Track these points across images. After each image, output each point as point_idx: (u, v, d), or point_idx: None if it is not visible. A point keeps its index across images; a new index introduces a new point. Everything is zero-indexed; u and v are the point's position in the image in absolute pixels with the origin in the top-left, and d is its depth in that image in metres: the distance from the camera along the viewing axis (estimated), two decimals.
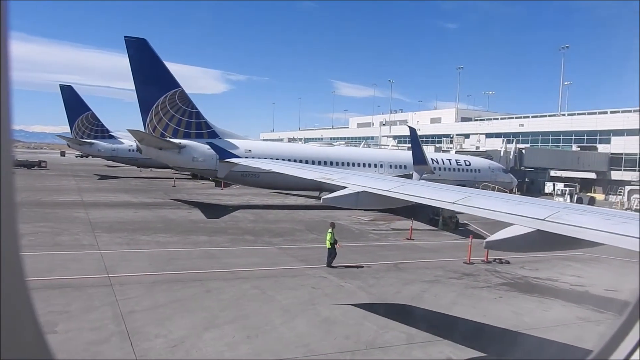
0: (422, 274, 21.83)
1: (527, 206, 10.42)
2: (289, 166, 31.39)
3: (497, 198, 12.06)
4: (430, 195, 13.18)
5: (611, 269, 25.07)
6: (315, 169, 30.02)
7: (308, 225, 34.59)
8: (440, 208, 37.16)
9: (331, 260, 22.18)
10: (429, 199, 12.96)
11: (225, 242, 26.72)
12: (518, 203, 11.05)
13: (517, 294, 19.29)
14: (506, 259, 25.33)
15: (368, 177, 19.80)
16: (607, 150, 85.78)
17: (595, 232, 8.09)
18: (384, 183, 15.20)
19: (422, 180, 33.39)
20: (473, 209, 10.99)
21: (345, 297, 17.50)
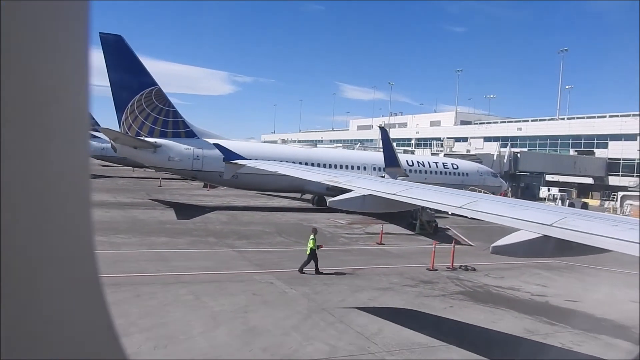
0: (378, 281, 20.89)
1: (534, 211, 10.39)
2: (295, 168, 31.23)
3: (504, 203, 11.95)
4: (436, 199, 13.18)
5: (581, 278, 24.08)
6: (321, 172, 29.31)
7: (280, 228, 33.70)
8: (418, 212, 36.47)
9: (307, 265, 21.37)
10: (435, 203, 13.15)
11: (184, 244, 25.87)
12: (525, 208, 10.91)
13: (470, 304, 18.32)
14: (472, 267, 24.38)
15: (374, 180, 19.54)
16: (605, 155, 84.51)
17: (602, 239, 8.06)
18: (390, 186, 15.15)
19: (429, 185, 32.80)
20: (479, 214, 11.02)
21: (283, 305, 16.60)
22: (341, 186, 17.60)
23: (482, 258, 27.64)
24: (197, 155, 41.23)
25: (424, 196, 13.46)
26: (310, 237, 21.92)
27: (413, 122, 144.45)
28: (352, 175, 23.56)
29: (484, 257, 27.98)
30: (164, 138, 41.11)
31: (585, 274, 24.80)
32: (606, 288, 22.29)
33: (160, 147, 40.48)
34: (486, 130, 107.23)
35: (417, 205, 13.79)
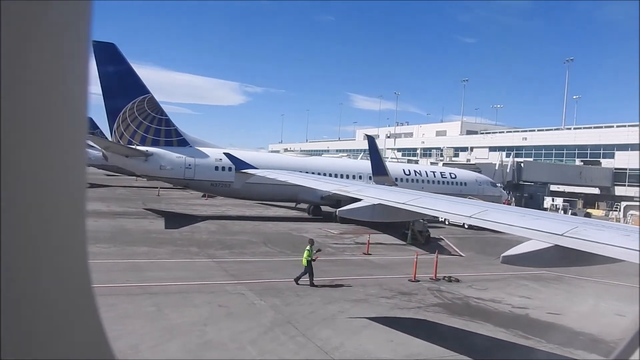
0: (354, 292, 20.28)
1: (545, 221, 10.34)
2: (305, 177, 31.24)
3: (514, 213, 11.92)
4: (446, 208, 13.17)
5: (568, 289, 23.31)
6: (331, 181, 29.26)
7: (268, 237, 33.16)
8: (410, 221, 35.79)
9: (300, 276, 20.88)
10: (445, 213, 13.21)
11: (163, 254, 25.42)
12: (536, 218, 10.88)
13: (445, 316, 17.65)
14: (456, 277, 23.68)
15: (384, 189, 19.29)
16: (611, 165, 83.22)
17: (613, 248, 8.00)
18: (400, 196, 15.02)
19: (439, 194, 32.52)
20: (489, 223, 10.98)
21: (248, 317, 16.06)
22: (351, 195, 17.55)
23: (469, 269, 27.03)
24: (189, 164, 40.91)
25: (434, 205, 13.34)
26: (306, 248, 21.40)
27: (419, 131, 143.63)
28: (361, 184, 23.28)
29: (471, 267, 27.39)
30: (156, 147, 40.86)
31: (573, 286, 24.02)
32: (592, 300, 21.52)
33: (152, 155, 40.22)
34: (492, 140, 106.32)
35: (426, 214, 13.74)
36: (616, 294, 22.89)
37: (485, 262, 29.24)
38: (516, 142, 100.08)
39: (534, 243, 9.22)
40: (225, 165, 42.15)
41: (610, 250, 8.05)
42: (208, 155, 42.15)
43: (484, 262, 29.45)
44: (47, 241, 1.45)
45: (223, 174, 41.92)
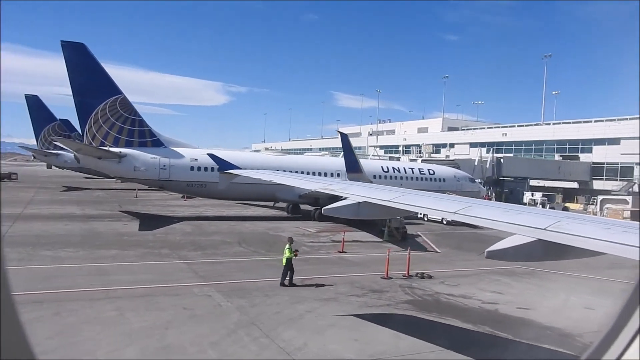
0: (324, 291, 20.04)
1: (528, 216, 10.44)
2: (289, 177, 31.28)
3: (498, 208, 11.99)
4: (431, 205, 13.23)
5: (540, 284, 23.28)
6: (316, 180, 29.27)
7: (243, 237, 32.81)
8: (388, 219, 35.65)
9: (285, 277, 20.56)
10: (430, 209, 13.28)
11: (133, 257, 24.93)
12: (519, 213, 10.98)
13: (413, 314, 17.46)
14: (429, 274, 23.52)
15: (369, 187, 19.33)
16: (589, 159, 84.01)
17: (595, 242, 8.09)
18: (385, 193, 14.99)
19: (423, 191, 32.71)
20: (474, 219, 11.07)
21: (212, 319, 15.71)
22: (336, 193, 17.54)
23: (444, 265, 26.93)
24: (163, 165, 40.37)
25: (419, 202, 13.53)
26: (286, 247, 21.12)
27: (401, 129, 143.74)
28: (346, 182, 23.23)
29: (446, 263, 27.30)
30: (130, 148, 40.24)
31: (545, 280, 24.01)
32: (563, 294, 21.51)
33: (125, 157, 39.61)
34: (472, 136, 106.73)
35: (412, 211, 13.82)
36: (588, 287, 22.94)
37: (460, 258, 29.20)
38: (496, 138, 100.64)
39: (518, 238, 9.32)
40: (201, 165, 41.73)
41: (592, 243, 8.15)
42: (183, 156, 41.64)
43: (459, 257, 29.41)
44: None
45: (199, 174, 41.49)
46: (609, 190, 75.27)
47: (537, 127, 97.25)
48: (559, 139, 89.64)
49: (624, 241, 7.75)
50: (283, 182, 33.14)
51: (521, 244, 9.14)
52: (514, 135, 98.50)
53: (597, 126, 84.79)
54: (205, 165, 41.81)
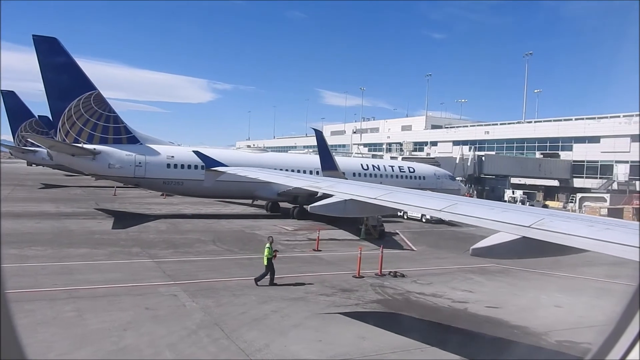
0: (294, 290, 19.76)
1: (513, 213, 10.48)
2: (275, 174, 30.64)
3: (483, 205, 12.01)
4: (417, 202, 13.38)
5: (513, 282, 23.22)
6: (302, 177, 29.06)
7: (218, 235, 32.42)
8: (366, 217, 35.47)
9: (264, 276, 20.23)
10: (416, 207, 13.50)
11: (102, 256, 24.43)
12: (504, 210, 10.97)
13: (380, 314, 17.23)
14: (401, 273, 23.34)
15: (355, 185, 19.27)
16: (570, 157, 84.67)
17: (579, 239, 8.17)
18: (371, 191, 15.14)
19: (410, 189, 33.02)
20: (459, 217, 11.09)
21: (174, 320, 15.34)
22: (323, 191, 17.45)
23: (418, 263, 26.81)
24: (139, 162, 39.74)
25: (405, 200, 13.60)
26: (266, 246, 20.79)
27: (385, 126, 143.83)
28: (333, 180, 23.13)
29: (420, 261, 27.17)
30: (104, 144, 39.56)
31: (518, 278, 23.96)
32: (534, 292, 21.44)
33: (100, 154, 38.92)
34: (455, 134, 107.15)
35: (398, 209, 13.85)
36: (559, 285, 22.94)
37: (435, 256, 29.11)
38: (478, 136, 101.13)
39: (502, 235, 9.37)
40: (177, 162, 41.20)
41: (575, 240, 8.22)
42: (159, 153, 41.05)
43: (435, 256, 29.31)
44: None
45: (175, 172, 40.94)
46: (588, 188, 75.98)
47: (518, 125, 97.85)
48: (540, 136, 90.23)
49: (607, 238, 7.79)
50: (269, 179, 32.78)
51: (506, 242, 9.25)
52: (496, 133, 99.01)
53: (578, 124, 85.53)
54: (182, 162, 41.31)
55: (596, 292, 21.83)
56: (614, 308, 12.75)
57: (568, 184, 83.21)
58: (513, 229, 9.28)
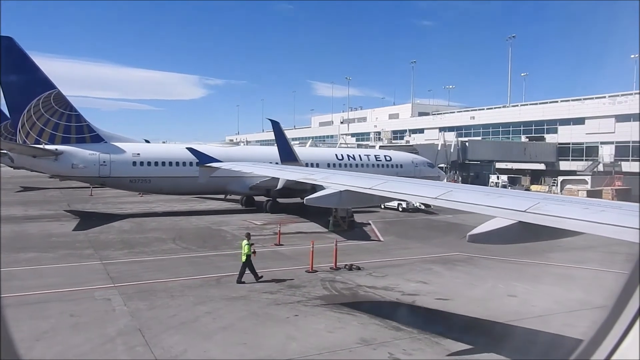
0: (237, 288, 18.97)
1: (508, 198, 10.55)
2: (269, 168, 31.57)
3: (478, 192, 12.07)
4: (412, 191, 13.38)
5: (472, 272, 22.47)
6: (297, 170, 28.62)
7: (181, 233, 31.59)
8: (334, 209, 34.67)
9: (243, 274, 19.84)
10: (411, 195, 13.54)
11: (49, 260, 23.56)
12: (499, 196, 11.09)
13: (321, 310, 16.45)
14: (358, 265, 22.56)
15: (350, 176, 19.24)
16: (555, 140, 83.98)
17: (574, 222, 8.26)
18: (365, 181, 15.24)
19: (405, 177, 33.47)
20: (455, 204, 11.07)
21: (95, 327, 14.50)
22: (317, 183, 17.52)
23: (380, 254, 26.10)
24: (103, 161, 38.76)
25: (399, 189, 13.60)
26: (244, 243, 20.21)
27: (372, 115, 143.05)
28: (328, 172, 22.78)
29: (383, 253, 26.49)
30: (67, 144, 38.55)
31: (480, 267, 23.21)
32: (491, 282, 20.65)
33: (62, 154, 37.92)
34: (441, 120, 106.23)
35: (393, 198, 14.24)
36: (521, 273, 22.20)
37: (401, 247, 28.33)
38: (464, 122, 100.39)
39: (498, 221, 9.41)
40: (144, 160, 40.27)
41: (570, 223, 8.30)
42: (125, 151, 40.06)
43: (401, 246, 28.54)
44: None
45: (142, 170, 40.00)
46: (574, 171, 75.35)
47: (503, 109, 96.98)
48: (525, 120, 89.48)
49: (602, 220, 7.85)
50: (262, 173, 32.44)
51: (502, 227, 9.28)
52: (481, 119, 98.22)
53: (562, 106, 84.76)
54: (149, 159, 40.41)
55: (556, 279, 21.13)
56: (569, 295, 12.05)
57: (554, 167, 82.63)
58: (509, 214, 9.34)
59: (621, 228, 7.29)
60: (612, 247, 26.65)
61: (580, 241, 23.04)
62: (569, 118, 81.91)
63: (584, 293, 18.72)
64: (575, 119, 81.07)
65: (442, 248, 27.61)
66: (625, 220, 7.49)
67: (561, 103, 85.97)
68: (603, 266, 23.54)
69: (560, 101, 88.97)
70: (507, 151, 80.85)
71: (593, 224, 7.89)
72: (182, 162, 41.29)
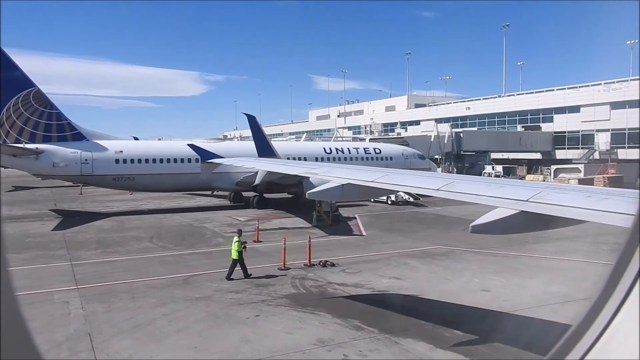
0: (203, 288, 18.42)
1: (510, 188, 10.61)
2: (273, 163, 31.98)
3: (480, 182, 12.05)
4: (414, 183, 13.50)
5: (450, 265, 21.86)
6: (300, 165, 28.77)
7: (160, 231, 31.05)
8: (318, 203, 34.09)
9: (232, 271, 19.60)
10: (413, 187, 13.55)
11: (19, 261, 22.94)
12: (501, 186, 11.11)
13: (284, 310, 15.89)
14: (332, 262, 21.95)
15: (352, 169, 19.57)
16: (551, 129, 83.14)
17: (577, 210, 8.24)
18: (368, 174, 15.38)
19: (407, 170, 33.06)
20: (457, 195, 11.07)
21: (43, 333, 13.91)
22: (319, 177, 17.69)
23: (359, 249, 25.52)
24: (85, 159, 38.18)
25: (401, 181, 13.65)
26: (234, 240, 19.92)
27: (369, 108, 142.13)
28: (330, 165, 22.74)
29: (362, 248, 25.93)
30: (48, 143, 37.98)
31: (458, 261, 22.60)
32: (467, 276, 20.04)
33: (43, 153, 37.36)
34: (437, 112, 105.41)
35: (395, 190, 14.27)
36: (500, 266, 21.59)
37: (382, 241, 27.69)
38: (460, 113, 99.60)
39: (501, 211, 9.36)
40: (127, 157, 39.68)
41: (573, 212, 8.26)
42: (107, 149, 39.46)
43: (382, 240, 27.90)
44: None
45: (125, 167, 39.41)
46: (570, 160, 74.52)
47: (499, 99, 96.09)
48: (521, 109, 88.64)
49: (605, 208, 7.83)
50: (265, 169, 32.43)
51: (504, 217, 9.19)
52: (477, 109, 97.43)
53: (557, 94, 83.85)
54: (132, 157, 39.81)
55: (535, 272, 20.49)
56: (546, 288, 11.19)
57: (550, 156, 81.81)
58: (511, 203, 9.33)
59: (624, 215, 7.16)
60: (599, 237, 26.31)
61: (568, 231, 22.49)
62: (564, 106, 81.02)
63: (561, 286, 18.12)
64: (571, 107, 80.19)
65: (424, 241, 27.01)
66: (628, 207, 7.34)
67: (556, 91, 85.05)
68: (587, 257, 22.98)
69: (556, 89, 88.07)
70: (502, 141, 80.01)
71: (596, 212, 7.87)
72: (167, 159, 40.77)
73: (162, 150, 40.87)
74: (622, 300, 2.23)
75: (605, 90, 75.23)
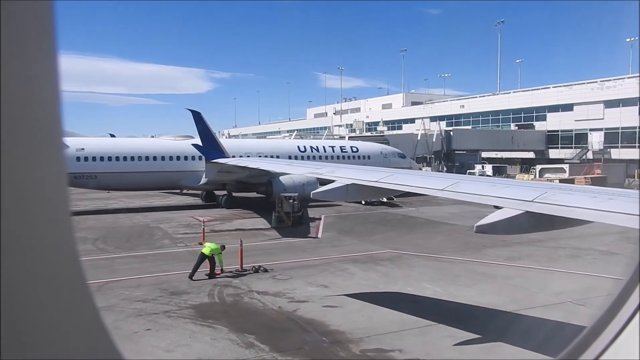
0: (110, 297, 17.09)
1: (515, 189, 10.63)
2: (276, 163, 32.03)
3: (484, 183, 12.05)
4: (418, 183, 13.39)
5: (389, 272, 20.55)
6: (304, 165, 28.58)
7: (110, 232, 30.08)
8: (277, 202, 32.89)
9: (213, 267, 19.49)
10: (417, 187, 13.30)
11: None
12: (505, 186, 11.13)
13: (181, 322, 14.63)
14: (265, 267, 20.68)
15: (357, 169, 19.59)
16: (544, 127, 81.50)
17: (582, 210, 8.23)
18: (372, 174, 15.48)
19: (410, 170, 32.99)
20: (461, 195, 11.08)
21: None
22: (324, 177, 17.77)
23: (304, 254, 24.45)
24: None
25: (405, 181, 13.63)
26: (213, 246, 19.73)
27: (366, 106, 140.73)
28: (334, 165, 22.04)
29: (307, 252, 24.89)
30: None
31: (402, 266, 21.29)
32: (401, 284, 18.68)
33: None
34: (432, 109, 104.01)
35: (399, 190, 14.49)
36: (442, 273, 20.28)
37: (333, 244, 26.45)
38: (455, 111, 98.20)
39: (506, 211, 9.35)
40: (88, 155, 38.60)
41: (579, 212, 8.26)
42: (67, 145, 38.31)
43: (334, 243, 26.66)
44: (36, 242, 1.43)
45: (87, 165, 38.31)
46: (562, 159, 72.88)
47: (493, 97, 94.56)
48: (514, 108, 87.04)
49: (610, 208, 7.83)
50: (268, 168, 31.85)
51: (509, 217, 9.15)
52: (471, 107, 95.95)
53: (550, 92, 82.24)
54: (94, 154, 38.73)
55: (476, 280, 19.11)
56: (477, 298, 9.22)
57: (544, 155, 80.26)
58: (516, 204, 9.30)
59: (630, 216, 7.17)
60: (560, 241, 24.94)
61: (532, 235, 21.16)
62: (558, 104, 79.42)
63: (495, 296, 16.80)
64: (564, 105, 78.58)
65: (376, 245, 25.71)
66: (634, 208, 7.36)
67: (550, 89, 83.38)
68: (539, 264, 21.69)
69: (552, 87, 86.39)
70: (494, 140, 78.49)
71: (601, 213, 7.84)
72: (130, 157, 39.65)
73: (126, 147, 39.76)
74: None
75: (599, 89, 73.57)
